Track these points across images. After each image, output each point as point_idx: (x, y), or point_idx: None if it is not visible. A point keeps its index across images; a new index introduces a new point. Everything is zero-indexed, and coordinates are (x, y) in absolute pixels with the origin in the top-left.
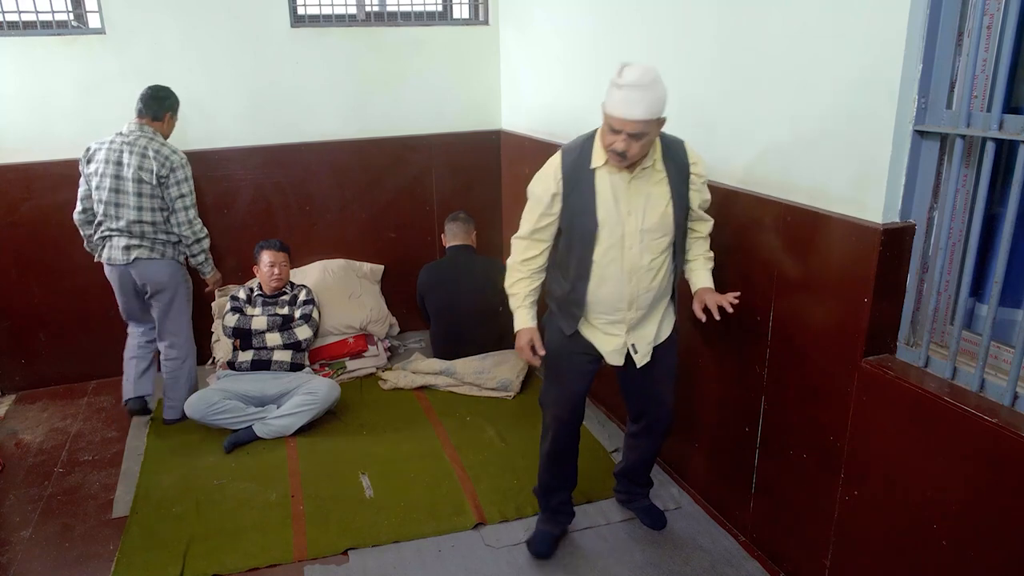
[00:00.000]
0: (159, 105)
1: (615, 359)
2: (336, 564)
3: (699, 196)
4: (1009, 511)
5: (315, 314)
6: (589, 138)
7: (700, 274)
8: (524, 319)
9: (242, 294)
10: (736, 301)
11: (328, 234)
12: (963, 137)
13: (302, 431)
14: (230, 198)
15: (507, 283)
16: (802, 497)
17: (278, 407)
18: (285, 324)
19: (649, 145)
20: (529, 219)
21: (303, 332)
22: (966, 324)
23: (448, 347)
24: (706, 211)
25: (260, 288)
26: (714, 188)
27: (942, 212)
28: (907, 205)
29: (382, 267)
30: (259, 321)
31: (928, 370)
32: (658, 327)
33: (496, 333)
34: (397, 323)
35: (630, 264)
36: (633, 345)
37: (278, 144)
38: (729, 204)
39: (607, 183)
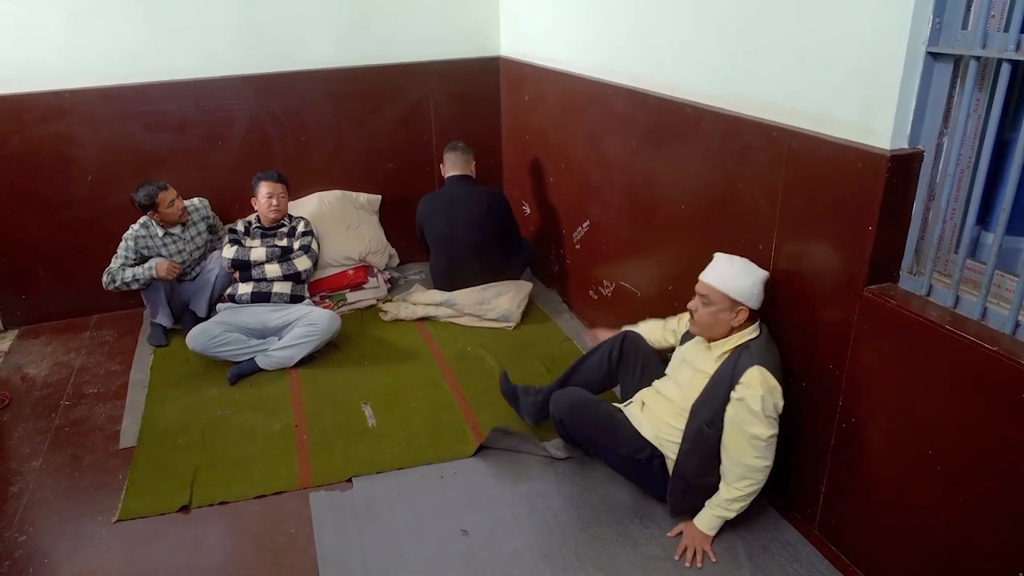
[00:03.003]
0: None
1: None
2: (341, 491)
3: (734, 425)
4: (1007, 439)
5: (314, 245)
6: None
7: (704, 513)
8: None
9: (240, 226)
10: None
11: (324, 165)
12: (978, 59)
13: (304, 362)
14: (224, 129)
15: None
16: (799, 425)
17: (279, 339)
18: (284, 255)
19: (715, 321)
20: None
21: (302, 263)
22: (971, 253)
23: (448, 278)
24: (745, 449)
25: (258, 220)
26: (717, 114)
27: (951, 138)
28: (916, 131)
29: (379, 197)
30: (258, 252)
31: (930, 299)
32: None
33: (496, 264)
34: (397, 255)
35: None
36: None
37: (272, 72)
38: (733, 131)
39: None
